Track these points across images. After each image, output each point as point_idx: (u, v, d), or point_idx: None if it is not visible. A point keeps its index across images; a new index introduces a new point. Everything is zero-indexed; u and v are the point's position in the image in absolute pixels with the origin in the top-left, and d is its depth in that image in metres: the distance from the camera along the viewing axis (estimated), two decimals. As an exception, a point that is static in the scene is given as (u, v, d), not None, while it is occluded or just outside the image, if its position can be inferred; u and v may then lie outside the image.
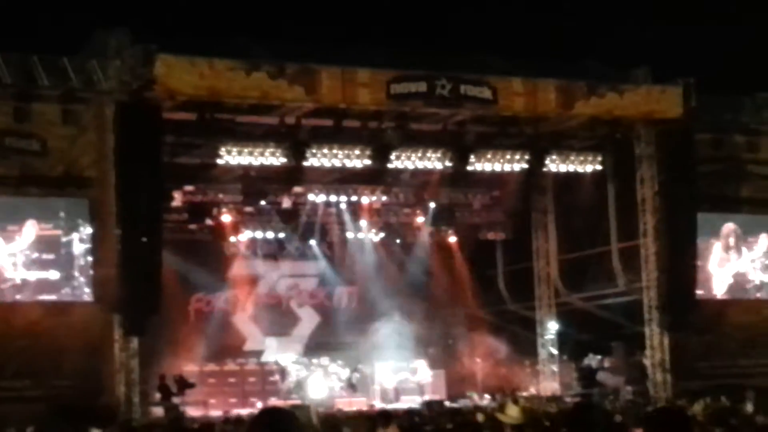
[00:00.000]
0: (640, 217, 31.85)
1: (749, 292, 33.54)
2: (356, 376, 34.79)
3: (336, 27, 38.11)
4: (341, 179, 34.15)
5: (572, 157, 32.84)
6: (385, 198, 36.31)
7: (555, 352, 37.26)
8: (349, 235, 37.09)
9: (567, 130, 32.24)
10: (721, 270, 33.12)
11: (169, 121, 27.84)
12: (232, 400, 33.06)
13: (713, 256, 32.94)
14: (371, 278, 37.38)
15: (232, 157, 29.64)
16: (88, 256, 27.52)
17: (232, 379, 33.91)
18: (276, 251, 36.91)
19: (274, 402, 31.41)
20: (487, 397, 33.85)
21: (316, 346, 36.59)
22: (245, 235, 35.57)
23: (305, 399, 32.31)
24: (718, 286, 33.05)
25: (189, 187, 33.51)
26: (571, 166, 32.86)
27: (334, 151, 30.20)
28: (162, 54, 26.25)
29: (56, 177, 27.21)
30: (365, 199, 35.88)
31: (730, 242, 33.20)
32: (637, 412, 20.27)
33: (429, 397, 33.81)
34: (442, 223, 37.69)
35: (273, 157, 29.89)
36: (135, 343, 27.04)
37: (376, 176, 33.80)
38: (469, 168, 32.10)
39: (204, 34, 31.35)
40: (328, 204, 35.73)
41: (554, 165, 32.73)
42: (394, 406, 32.25)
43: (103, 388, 26.83)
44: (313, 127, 30.46)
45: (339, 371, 34.65)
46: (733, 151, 33.28)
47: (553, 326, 37.35)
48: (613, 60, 32.30)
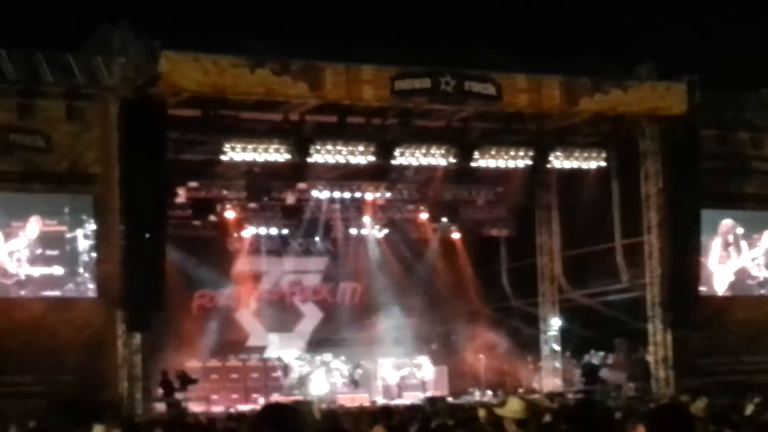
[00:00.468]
0: (644, 213, 31.85)
1: (752, 289, 33.54)
2: (359, 372, 34.81)
3: (340, 24, 38.15)
4: (345, 175, 34.15)
5: (576, 154, 32.85)
6: (389, 194, 36.30)
7: (558, 348, 37.29)
8: (353, 231, 37.12)
9: (571, 126, 32.24)
10: (722, 267, 33.11)
11: (174, 118, 27.87)
12: (235, 396, 33.09)
13: (713, 253, 32.93)
14: (374, 274, 37.41)
15: (236, 153, 29.67)
16: (93, 252, 27.55)
17: (235, 375, 33.90)
18: (280, 247, 36.92)
19: (277, 398, 31.44)
20: (489, 393, 33.87)
21: (318, 342, 36.62)
22: (249, 232, 35.58)
23: (308, 395, 32.35)
24: (720, 284, 33.05)
25: (193, 184, 33.49)
26: (575, 162, 32.87)
27: (338, 148, 30.21)
28: (166, 50, 26.24)
29: (60, 173, 27.24)
30: (369, 196, 35.87)
31: (729, 239, 33.18)
32: (640, 409, 20.24)
33: (431, 393, 33.84)
34: (445, 219, 37.70)
35: (277, 154, 29.92)
36: (138, 338, 27.09)
37: (380, 172, 33.79)
38: (473, 164, 32.13)
39: (208, 30, 31.38)
40: (332, 200, 35.72)
41: (558, 161, 32.74)
42: (397, 402, 32.30)
43: (105, 384, 26.89)
44: (317, 123, 30.48)
45: (341, 367, 34.66)
46: (738, 148, 33.27)
47: (556, 322, 37.38)
48: (617, 56, 32.34)
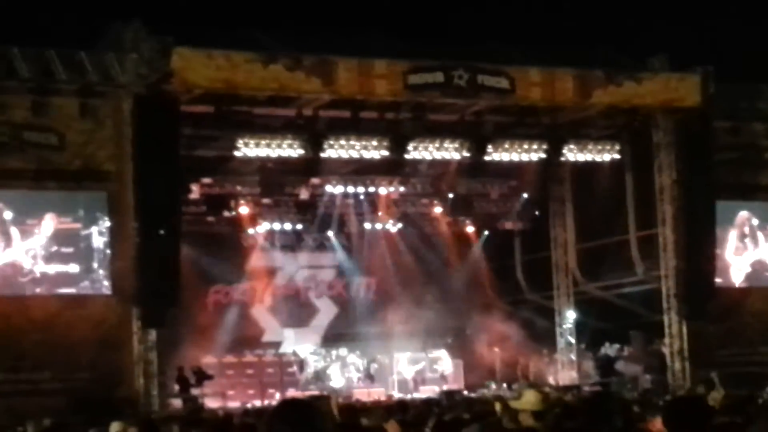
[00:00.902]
0: (659, 205, 31.79)
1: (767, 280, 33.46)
2: (374, 366, 34.87)
3: (352, 18, 38.08)
4: (359, 170, 34.17)
5: (590, 146, 32.79)
6: (402, 189, 36.32)
7: (573, 341, 37.25)
8: (367, 225, 37.14)
9: (585, 119, 32.20)
10: (739, 258, 33.04)
11: (187, 114, 27.90)
12: (251, 392, 33.18)
13: (730, 245, 32.86)
14: (389, 269, 37.44)
15: (249, 149, 29.71)
16: (107, 250, 27.60)
17: (251, 371, 33.98)
18: (294, 243, 36.98)
19: (293, 393, 31.50)
20: (504, 386, 33.87)
21: (334, 337, 36.68)
22: (263, 227, 35.63)
23: (324, 390, 32.39)
24: (737, 275, 32.97)
25: (207, 180, 33.57)
26: (589, 155, 32.80)
27: (352, 143, 30.21)
28: (179, 47, 26.28)
29: (74, 171, 27.27)
30: (383, 190, 35.89)
31: (745, 230, 33.11)
32: (656, 401, 20.22)
33: (447, 387, 33.86)
34: (459, 213, 37.71)
35: (290, 149, 29.93)
36: (153, 335, 27.10)
37: (394, 167, 33.82)
38: (487, 158, 32.07)
39: (220, 26, 31.38)
40: (346, 195, 35.75)
41: (572, 154, 32.67)
42: (413, 396, 32.32)
43: (121, 381, 26.92)
44: (331, 118, 30.49)
45: (357, 362, 34.74)
46: (752, 139, 33.18)
47: (571, 315, 37.34)
48: (630, 48, 32.23)
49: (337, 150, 30.25)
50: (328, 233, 37.13)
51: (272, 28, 28.55)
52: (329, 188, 35.17)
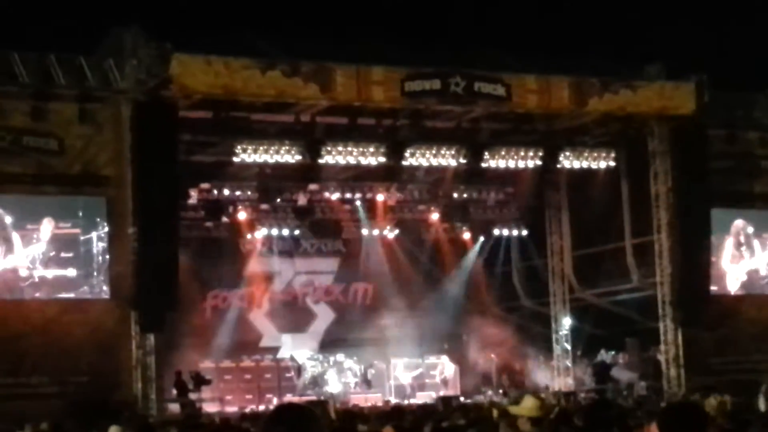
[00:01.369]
0: (654, 212, 31.90)
1: (763, 288, 33.58)
2: (371, 372, 34.94)
3: (350, 25, 38.20)
4: (356, 176, 34.28)
5: (586, 154, 32.91)
6: (399, 195, 36.42)
7: (569, 347, 37.34)
8: (364, 231, 37.22)
9: (580, 126, 32.33)
10: (735, 266, 33.17)
11: (185, 120, 28.01)
12: (248, 397, 33.25)
13: (726, 253, 32.98)
14: (386, 275, 37.52)
15: (247, 155, 29.80)
16: (107, 255, 27.69)
17: (248, 376, 34.05)
18: (291, 248, 37.07)
19: (290, 398, 31.57)
20: (501, 392, 33.98)
21: (331, 343, 36.75)
22: (261, 233, 35.71)
23: (321, 395, 32.46)
24: (732, 283, 33.10)
25: (205, 185, 33.67)
26: (585, 162, 32.91)
27: (349, 149, 30.32)
28: (177, 53, 26.38)
29: (73, 175, 27.36)
30: (380, 196, 35.97)
31: (741, 239, 33.23)
32: (651, 408, 20.34)
33: (444, 392, 33.95)
34: (456, 220, 37.81)
35: (288, 155, 30.04)
36: (151, 339, 27.20)
37: (391, 173, 33.90)
38: (483, 165, 32.21)
39: (219, 32, 31.46)
40: (343, 201, 35.85)
41: (568, 161, 32.80)
42: (410, 402, 32.41)
43: (119, 385, 26.99)
44: (328, 124, 30.62)
45: (354, 367, 34.81)
46: (746, 147, 33.30)
47: (567, 322, 37.43)
48: (626, 56, 32.43)
49: (334, 156, 30.36)
50: (326, 239, 37.19)
51: (271, 35, 28.66)
52: (327, 194, 35.28)
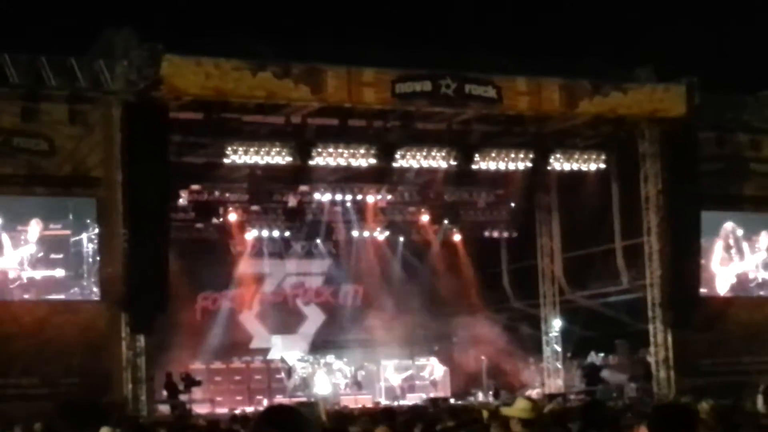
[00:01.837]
0: (644, 215, 31.93)
1: (752, 290, 33.65)
2: (361, 373, 34.95)
3: (340, 27, 38.24)
4: (347, 178, 34.29)
5: (576, 156, 32.93)
6: (390, 196, 36.43)
7: (559, 349, 37.38)
8: (355, 233, 37.22)
9: (571, 128, 32.36)
10: (724, 269, 33.22)
11: (176, 121, 28.00)
12: (239, 398, 33.24)
13: (715, 255, 33.04)
14: (376, 276, 37.53)
15: (238, 156, 29.78)
16: (97, 256, 27.67)
17: (239, 377, 34.06)
18: (282, 250, 37.06)
19: (280, 400, 31.57)
20: (491, 394, 34.00)
21: (321, 344, 36.77)
22: (251, 234, 35.70)
23: (311, 396, 32.47)
24: (722, 285, 33.15)
25: (196, 186, 33.66)
26: (575, 164, 32.94)
27: (340, 150, 30.31)
28: (168, 54, 26.37)
29: (63, 177, 27.32)
30: (370, 198, 35.97)
31: (730, 241, 33.29)
32: (641, 410, 20.36)
33: (434, 394, 33.96)
34: (446, 222, 37.82)
35: (279, 156, 30.02)
36: (142, 341, 27.16)
37: (382, 175, 33.92)
38: (474, 166, 32.22)
39: (210, 33, 31.47)
40: (334, 203, 35.84)
41: (558, 163, 32.81)
42: (400, 403, 32.41)
43: (109, 386, 26.96)
44: (319, 126, 30.62)
45: (344, 369, 34.82)
46: (737, 150, 33.35)
47: (557, 324, 37.47)
48: (616, 58, 32.48)
49: (325, 157, 30.35)
50: (316, 240, 37.24)
51: (262, 37, 28.67)
52: (317, 196, 35.28)
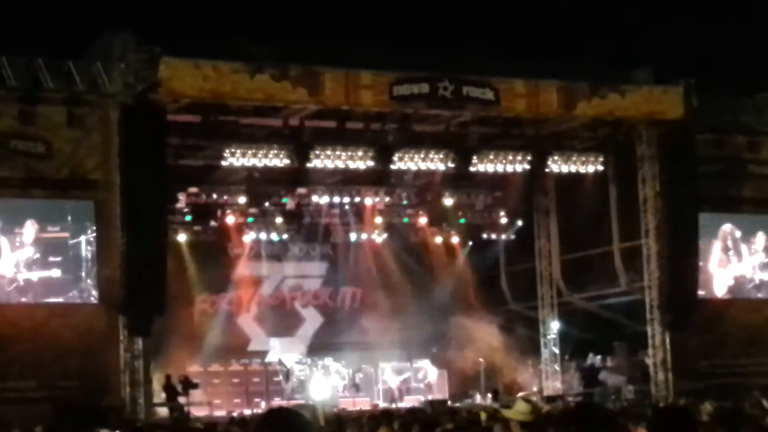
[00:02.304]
0: (642, 217, 31.94)
1: (750, 292, 33.65)
2: (359, 376, 34.94)
3: (338, 29, 38.24)
4: (344, 180, 34.27)
5: (574, 158, 32.93)
6: (388, 199, 36.41)
7: (557, 351, 37.34)
8: (353, 236, 37.21)
9: (569, 130, 32.36)
10: (722, 270, 33.23)
11: (174, 124, 28.00)
12: (237, 401, 33.20)
13: (713, 257, 33.05)
14: (374, 279, 37.52)
15: (236, 158, 29.77)
16: (96, 259, 27.65)
17: (236, 380, 34.02)
18: (280, 252, 37.05)
19: (278, 402, 31.54)
20: (489, 396, 33.98)
21: (319, 347, 36.72)
22: (249, 237, 35.67)
23: (309, 399, 32.45)
24: (719, 287, 33.15)
25: (193, 189, 33.66)
26: (573, 166, 32.94)
27: (338, 153, 30.31)
28: (166, 57, 26.36)
29: (61, 179, 27.33)
30: (368, 200, 35.94)
31: (729, 243, 33.30)
32: (639, 412, 20.35)
33: (432, 396, 33.95)
34: (444, 224, 37.80)
35: (277, 159, 30.01)
36: (140, 343, 27.16)
37: (380, 177, 33.92)
38: (472, 169, 32.19)
39: (207, 36, 31.47)
40: (332, 205, 35.81)
41: (556, 166, 32.82)
42: (398, 405, 32.40)
43: (107, 389, 26.96)
44: (317, 128, 30.61)
45: (342, 371, 34.79)
46: (735, 152, 33.37)
47: (555, 326, 37.42)
48: (614, 61, 32.47)
49: (323, 160, 30.35)
50: (314, 243, 37.19)
51: (259, 39, 28.66)
52: (315, 198, 35.25)
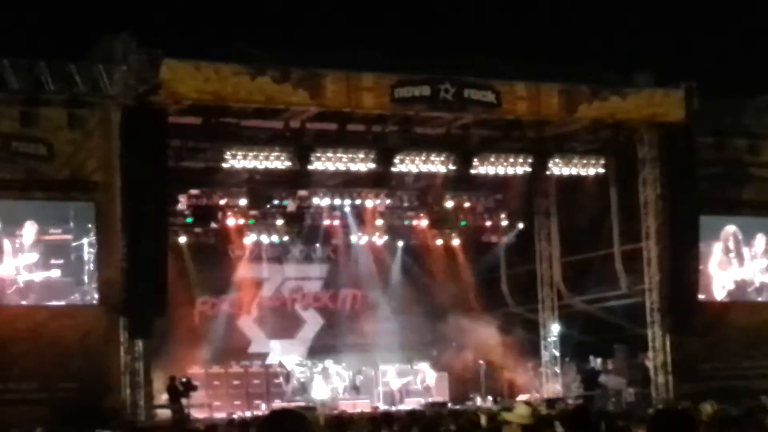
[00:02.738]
0: (643, 219, 31.94)
1: (750, 295, 33.65)
2: (360, 378, 34.94)
3: (339, 31, 38.25)
4: (345, 183, 34.27)
5: (575, 160, 32.93)
6: (389, 201, 36.41)
7: (557, 354, 37.35)
8: (353, 238, 37.21)
9: (570, 133, 32.37)
10: (723, 273, 33.22)
11: (175, 126, 27.99)
12: (237, 403, 33.19)
13: (714, 258, 33.05)
14: (375, 281, 37.52)
15: (237, 161, 29.77)
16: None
17: (237, 382, 34.01)
18: (280, 254, 37.04)
19: (279, 404, 31.55)
20: (490, 399, 33.99)
21: (320, 349, 36.71)
22: (250, 239, 35.67)
23: (309, 401, 32.47)
24: (720, 289, 33.14)
25: (194, 191, 33.65)
26: (574, 169, 32.94)
27: (339, 155, 30.32)
28: (167, 59, 26.36)
29: (62, 181, 27.34)
30: (369, 203, 35.94)
31: (730, 245, 33.29)
32: (640, 414, 20.36)
33: (433, 399, 33.95)
34: (445, 226, 37.80)
35: (278, 161, 30.03)
36: (140, 345, 27.16)
37: (380, 180, 33.92)
38: (473, 171, 32.19)
39: (209, 38, 31.53)
40: (333, 207, 35.81)
41: (557, 168, 32.81)
42: (398, 408, 32.40)
43: (108, 391, 26.95)
44: (318, 131, 30.61)
45: (342, 373, 34.79)
46: (735, 154, 33.37)
47: (555, 328, 37.44)
48: (615, 63, 32.48)
49: (324, 162, 30.36)
50: (315, 245, 37.19)
51: (261, 41, 28.68)
52: (316, 200, 35.26)
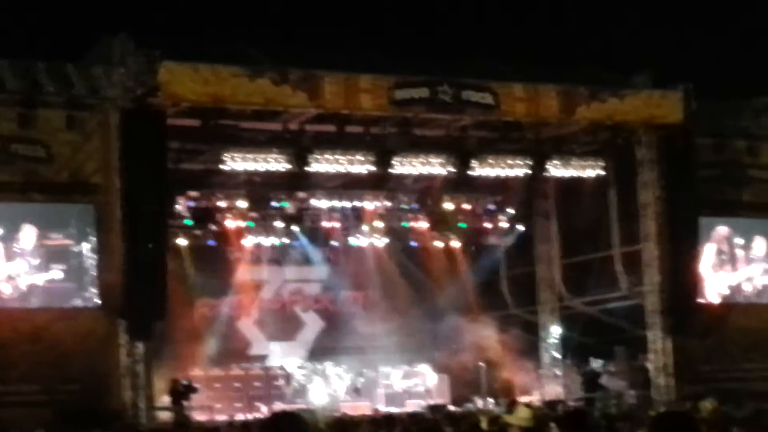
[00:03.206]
0: (642, 221, 31.95)
1: (749, 297, 33.64)
2: (360, 380, 34.91)
3: (338, 32, 38.25)
4: (344, 185, 34.25)
5: (574, 162, 32.90)
6: (388, 203, 36.39)
7: (558, 356, 37.35)
8: (353, 240, 37.20)
9: (568, 135, 32.37)
10: (719, 275, 33.20)
11: (174, 128, 27.97)
12: (237, 405, 33.14)
13: (706, 259, 33.00)
14: (375, 283, 37.50)
15: (236, 163, 29.75)
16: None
17: (237, 384, 33.94)
18: (280, 256, 37.02)
19: (279, 406, 31.52)
20: (490, 401, 33.96)
21: (320, 351, 36.68)
22: (249, 241, 35.65)
23: (310, 404, 32.44)
24: (717, 291, 33.12)
25: (193, 193, 33.63)
26: (573, 170, 32.92)
27: (337, 157, 30.29)
28: (166, 60, 26.34)
29: (61, 183, 27.35)
30: (368, 205, 35.93)
31: (724, 247, 33.28)
32: (641, 416, 20.37)
33: (433, 401, 33.93)
34: (444, 228, 37.78)
35: (277, 163, 30.00)
36: (141, 348, 27.16)
37: (379, 181, 33.87)
38: (472, 173, 32.17)
39: (207, 40, 31.48)
40: (332, 209, 35.80)
41: (556, 170, 32.79)
42: (399, 410, 32.37)
43: (109, 393, 26.96)
44: (316, 132, 30.61)
45: (343, 376, 34.76)
46: (734, 156, 33.41)
47: (555, 330, 37.43)
48: (614, 65, 32.51)
49: (322, 164, 30.34)
50: (315, 247, 37.16)
51: (259, 43, 28.66)
52: (315, 202, 35.25)
